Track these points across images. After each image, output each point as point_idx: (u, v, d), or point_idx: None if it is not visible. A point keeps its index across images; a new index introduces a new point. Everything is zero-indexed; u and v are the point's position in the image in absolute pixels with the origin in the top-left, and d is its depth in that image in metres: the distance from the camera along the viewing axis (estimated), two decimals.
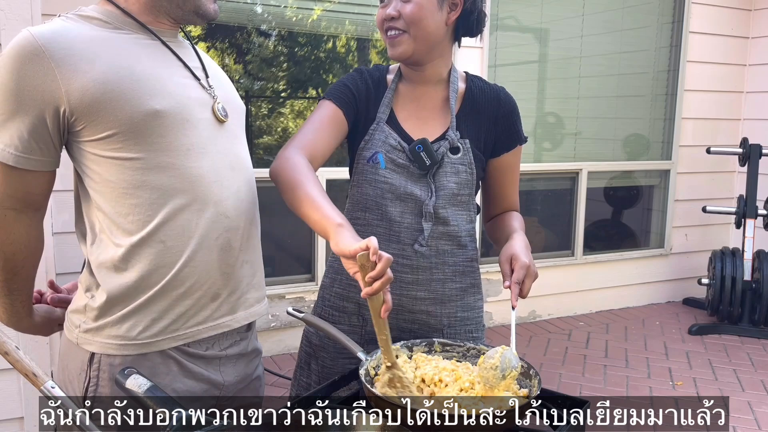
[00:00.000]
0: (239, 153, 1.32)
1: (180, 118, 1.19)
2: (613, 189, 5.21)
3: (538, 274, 1.37)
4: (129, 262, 1.18)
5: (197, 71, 1.29)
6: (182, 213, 1.20)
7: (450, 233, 1.49)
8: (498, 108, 1.53)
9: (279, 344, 3.95)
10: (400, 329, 1.50)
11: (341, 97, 1.49)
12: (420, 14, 1.41)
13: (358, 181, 1.49)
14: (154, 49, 1.22)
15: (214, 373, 1.29)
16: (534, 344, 4.31)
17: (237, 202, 1.27)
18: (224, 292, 1.27)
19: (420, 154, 1.43)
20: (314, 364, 1.56)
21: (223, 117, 1.28)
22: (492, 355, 1.22)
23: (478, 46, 4.25)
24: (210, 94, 1.28)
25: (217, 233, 1.23)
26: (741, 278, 4.54)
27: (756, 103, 5.19)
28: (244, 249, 1.30)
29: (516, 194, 1.63)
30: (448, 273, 1.50)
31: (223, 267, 1.25)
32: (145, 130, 1.15)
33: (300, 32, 4.00)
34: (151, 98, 1.15)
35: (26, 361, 0.96)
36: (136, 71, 1.16)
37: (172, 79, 1.21)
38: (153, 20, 1.24)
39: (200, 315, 1.24)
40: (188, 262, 1.20)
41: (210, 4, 1.26)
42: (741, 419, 3.31)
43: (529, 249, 1.40)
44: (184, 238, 1.20)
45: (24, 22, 2.28)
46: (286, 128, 4.18)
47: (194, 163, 1.20)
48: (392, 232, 1.46)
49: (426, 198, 1.45)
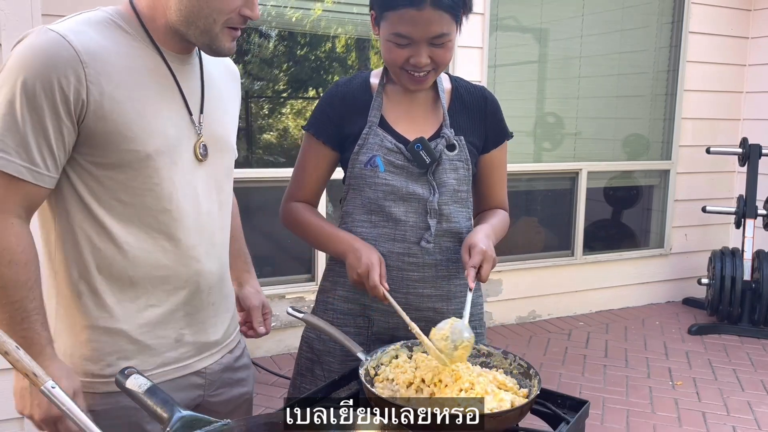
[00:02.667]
0: (212, 194, 1.30)
1: (169, 160, 1.19)
2: (612, 189, 5.21)
3: (496, 260, 1.42)
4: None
5: (193, 102, 1.25)
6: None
7: (452, 230, 1.50)
8: (485, 106, 1.56)
9: (279, 344, 3.95)
10: (408, 327, 1.50)
11: (321, 128, 1.52)
12: (452, 55, 1.42)
13: (358, 185, 1.49)
14: (160, 77, 1.20)
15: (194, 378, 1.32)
16: (534, 344, 4.31)
17: (209, 248, 1.29)
18: (188, 334, 1.29)
19: (419, 152, 1.44)
20: (319, 369, 1.55)
21: (202, 157, 1.25)
22: (442, 327, 1.25)
23: (478, 46, 4.25)
24: (196, 130, 1.25)
25: (187, 276, 1.25)
26: (741, 278, 4.54)
27: (755, 103, 5.19)
28: (213, 292, 1.32)
29: (503, 192, 1.65)
30: (453, 270, 1.52)
31: (188, 309, 1.27)
32: (132, 169, 1.16)
33: (300, 32, 4.00)
34: (146, 142, 1.15)
35: (26, 361, 0.96)
36: (144, 116, 1.15)
37: (171, 120, 1.20)
38: (167, 41, 1.21)
39: (164, 356, 1.26)
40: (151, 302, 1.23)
41: (227, 43, 1.20)
42: (741, 419, 3.31)
43: (490, 238, 1.44)
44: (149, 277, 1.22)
45: (24, 22, 2.28)
46: (285, 128, 4.17)
47: (167, 204, 1.20)
48: (398, 232, 1.47)
49: (429, 195, 1.47)
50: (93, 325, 1.19)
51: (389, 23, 1.37)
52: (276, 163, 4.05)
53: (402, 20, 1.34)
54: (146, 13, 1.19)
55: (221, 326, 1.36)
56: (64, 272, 1.19)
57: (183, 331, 1.27)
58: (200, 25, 1.16)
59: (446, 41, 1.37)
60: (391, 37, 1.37)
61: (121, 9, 1.21)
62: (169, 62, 1.21)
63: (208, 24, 1.16)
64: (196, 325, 1.30)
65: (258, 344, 3.91)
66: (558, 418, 1.21)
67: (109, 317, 1.19)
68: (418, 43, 1.36)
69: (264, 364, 3.73)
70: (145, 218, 1.19)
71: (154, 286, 1.22)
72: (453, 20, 1.36)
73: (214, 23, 1.16)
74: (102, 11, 1.19)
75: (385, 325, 1.52)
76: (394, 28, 1.36)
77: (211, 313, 1.32)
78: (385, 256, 1.46)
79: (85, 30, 1.13)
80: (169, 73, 1.21)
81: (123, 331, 1.20)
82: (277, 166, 4.01)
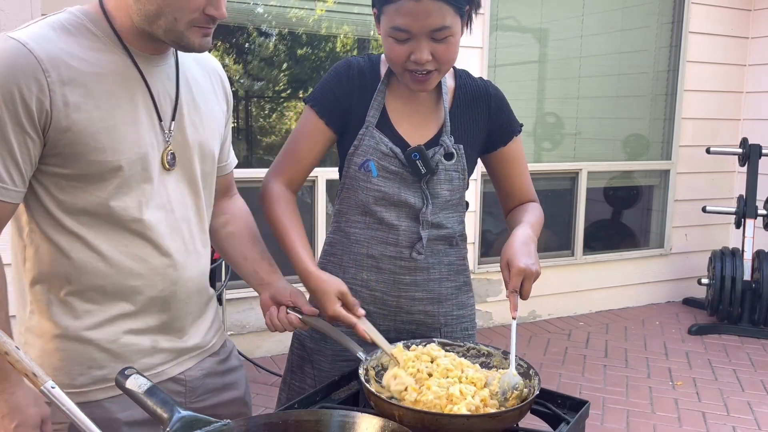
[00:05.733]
0: (186, 201, 1.26)
1: (139, 168, 1.15)
2: (613, 189, 5.21)
3: (539, 272, 1.32)
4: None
5: (165, 107, 1.20)
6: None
7: (444, 235, 1.49)
8: (489, 104, 1.52)
9: (279, 344, 3.95)
10: (398, 330, 1.49)
11: (324, 105, 1.46)
12: (455, 53, 1.37)
13: (351, 186, 1.47)
14: (130, 81, 1.15)
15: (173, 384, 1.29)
16: (534, 344, 4.31)
17: (187, 255, 1.25)
18: (164, 341, 1.25)
19: (416, 162, 1.41)
20: (309, 368, 1.54)
21: (169, 165, 1.21)
22: (490, 383, 1.23)
23: (478, 46, 4.25)
24: (165, 138, 1.20)
25: (162, 284, 1.21)
26: (741, 278, 4.53)
27: (756, 103, 5.19)
28: (191, 299, 1.28)
29: (528, 183, 1.60)
30: (444, 272, 1.51)
31: (164, 317, 1.24)
32: (100, 180, 1.12)
33: (300, 32, 4.00)
34: (115, 152, 1.11)
35: (26, 361, 0.95)
36: (112, 125, 1.11)
37: (141, 127, 1.15)
38: (137, 41, 1.16)
39: (138, 364, 1.21)
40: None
41: (196, 40, 1.14)
42: (741, 419, 3.31)
43: (529, 244, 1.35)
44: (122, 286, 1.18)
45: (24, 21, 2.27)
46: (285, 128, 4.17)
47: (137, 213, 1.17)
48: (390, 236, 1.46)
49: (421, 206, 1.44)
50: (63, 335, 1.16)
51: (388, 17, 1.33)
52: None
53: (400, 13, 1.30)
54: (114, 14, 1.14)
55: (201, 331, 1.33)
56: (34, 282, 1.16)
57: (158, 338, 1.24)
58: (162, 25, 1.11)
59: (447, 35, 1.32)
60: (390, 32, 1.34)
61: (89, 9, 1.15)
62: (140, 64, 1.16)
63: (169, 23, 1.10)
64: (172, 332, 1.26)
65: (258, 344, 3.91)
66: (558, 418, 1.21)
67: (80, 327, 1.16)
68: (417, 37, 1.32)
69: (264, 364, 3.73)
70: (115, 227, 1.15)
71: (127, 295, 1.18)
72: (456, 13, 1.32)
73: (176, 22, 1.10)
74: (68, 13, 1.14)
75: (376, 328, 1.51)
76: (393, 22, 1.32)
77: (188, 321, 1.29)
78: (378, 259, 1.45)
79: (48, 35, 1.08)
80: (140, 77, 1.16)
81: (94, 340, 1.17)
82: None
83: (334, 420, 1.04)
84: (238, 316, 3.81)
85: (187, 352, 1.30)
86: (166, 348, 1.26)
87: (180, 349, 1.28)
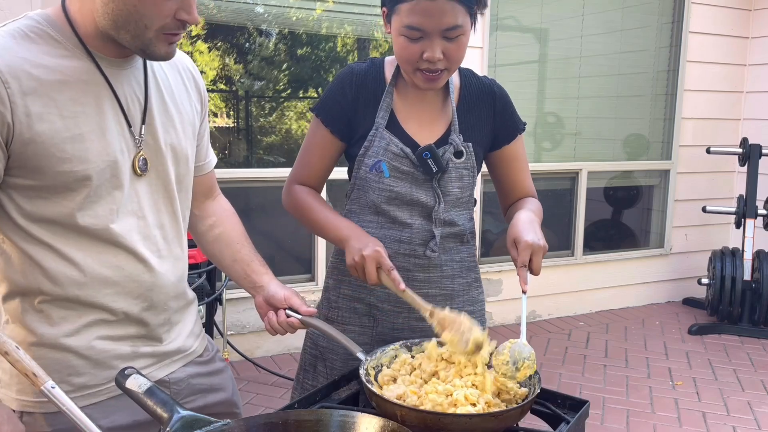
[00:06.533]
0: (160, 206, 1.23)
1: (109, 175, 1.13)
2: (613, 189, 5.21)
3: (547, 247, 1.33)
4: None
5: (134, 112, 1.17)
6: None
7: (455, 233, 1.51)
8: (494, 102, 1.54)
9: (279, 344, 3.95)
10: (412, 329, 1.51)
11: (330, 115, 1.49)
12: (464, 52, 1.39)
13: (362, 187, 1.49)
14: (96, 87, 1.12)
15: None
16: (534, 344, 4.26)
17: (163, 260, 1.23)
18: (143, 346, 1.23)
19: (427, 161, 1.43)
20: (321, 366, 1.55)
21: (141, 171, 1.18)
22: (501, 351, 1.23)
23: (479, 46, 4.25)
24: (136, 143, 1.17)
25: (138, 290, 1.20)
26: (741, 278, 4.54)
27: (756, 103, 5.19)
28: (170, 304, 1.26)
29: (528, 180, 1.62)
30: (456, 269, 1.53)
31: (142, 322, 1.22)
32: (69, 190, 1.09)
33: (300, 32, 4.00)
34: (82, 162, 1.09)
35: (26, 361, 0.95)
36: (78, 134, 1.08)
37: (109, 135, 1.12)
38: (101, 45, 1.12)
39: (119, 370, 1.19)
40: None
41: (162, 48, 1.11)
42: (741, 419, 3.31)
43: (534, 222, 1.38)
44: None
45: None
46: (285, 128, 4.17)
47: (109, 222, 1.14)
48: (404, 234, 1.47)
49: (434, 204, 1.46)
50: (39, 343, 1.14)
51: (401, 16, 1.34)
52: (276, 163, 4.05)
53: (414, 11, 1.31)
54: (77, 18, 1.10)
55: (182, 335, 1.31)
56: (8, 291, 1.15)
57: (137, 343, 1.22)
58: (131, 30, 1.07)
59: (459, 34, 1.34)
60: (403, 31, 1.34)
61: (51, 14, 1.11)
62: (105, 69, 1.12)
63: (138, 30, 1.07)
64: (151, 338, 1.24)
65: (258, 344, 3.91)
66: (558, 418, 1.21)
67: (57, 334, 1.14)
68: (431, 36, 1.33)
69: (264, 364, 3.73)
70: (86, 236, 1.12)
71: (103, 302, 1.16)
72: (467, 12, 1.34)
73: (146, 29, 1.07)
74: (28, 19, 1.10)
75: (390, 326, 1.52)
76: (407, 20, 1.32)
77: (167, 327, 1.27)
78: (391, 257, 1.45)
79: (7, 44, 1.05)
80: (105, 82, 1.12)
81: (71, 347, 1.15)
82: (277, 166, 4.01)
83: (334, 420, 1.04)
84: (238, 316, 3.81)
85: (169, 356, 1.29)
86: (147, 353, 1.24)
87: (161, 353, 1.27)
